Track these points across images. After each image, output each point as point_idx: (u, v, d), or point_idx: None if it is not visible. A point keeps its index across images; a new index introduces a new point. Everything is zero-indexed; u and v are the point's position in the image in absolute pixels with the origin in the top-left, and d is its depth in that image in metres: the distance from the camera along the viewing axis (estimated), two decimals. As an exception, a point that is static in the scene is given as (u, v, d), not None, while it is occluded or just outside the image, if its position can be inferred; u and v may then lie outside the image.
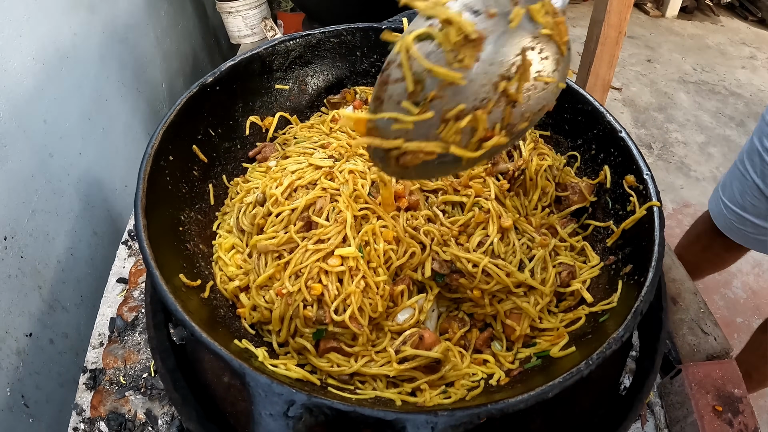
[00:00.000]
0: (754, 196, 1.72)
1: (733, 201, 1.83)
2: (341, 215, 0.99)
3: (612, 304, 0.93)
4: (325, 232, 0.98)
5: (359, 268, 0.95)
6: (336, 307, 0.92)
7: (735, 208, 1.82)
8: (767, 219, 1.71)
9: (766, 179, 1.65)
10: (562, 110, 1.23)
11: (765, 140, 1.63)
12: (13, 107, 1.42)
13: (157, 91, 2.41)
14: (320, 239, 0.97)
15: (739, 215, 1.81)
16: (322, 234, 0.98)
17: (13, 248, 1.40)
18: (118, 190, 2.00)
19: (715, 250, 2.18)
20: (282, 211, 1.02)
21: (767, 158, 1.62)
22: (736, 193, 1.79)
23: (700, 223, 2.21)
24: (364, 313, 0.94)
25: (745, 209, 1.78)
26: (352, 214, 1.00)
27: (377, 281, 0.96)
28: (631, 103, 4.26)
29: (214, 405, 0.99)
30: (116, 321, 1.30)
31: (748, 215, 1.78)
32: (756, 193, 1.70)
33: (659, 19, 5.44)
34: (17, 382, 1.39)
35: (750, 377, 1.91)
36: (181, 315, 0.79)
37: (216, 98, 1.19)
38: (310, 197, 1.02)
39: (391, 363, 0.91)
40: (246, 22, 2.66)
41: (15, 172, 1.42)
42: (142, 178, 0.96)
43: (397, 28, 1.30)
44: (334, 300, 0.92)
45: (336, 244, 0.96)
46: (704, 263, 2.30)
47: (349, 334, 0.93)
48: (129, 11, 2.16)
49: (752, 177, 1.70)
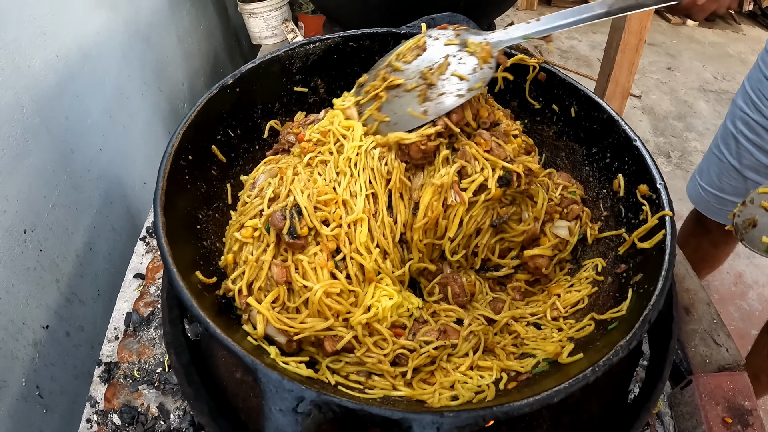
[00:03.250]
0: (731, 176, 1.85)
1: (711, 184, 1.95)
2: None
3: (621, 312, 0.94)
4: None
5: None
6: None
7: (713, 190, 1.96)
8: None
9: (742, 159, 1.78)
10: (578, 118, 1.24)
11: (738, 123, 1.78)
12: (36, 103, 1.44)
13: (178, 90, 2.44)
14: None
15: (719, 197, 1.94)
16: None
17: (32, 241, 1.43)
18: (137, 187, 2.02)
19: (705, 249, 2.28)
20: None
21: (741, 140, 1.76)
22: (714, 176, 1.93)
23: (686, 227, 2.31)
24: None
25: (723, 190, 1.91)
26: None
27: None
28: (650, 111, 4.24)
29: (226, 401, 1.00)
30: (132, 316, 1.32)
31: (726, 195, 1.91)
32: (733, 173, 1.84)
33: (680, 27, 5.41)
34: (33, 373, 1.41)
35: (758, 380, 1.93)
36: (196, 311, 0.81)
37: (236, 99, 1.20)
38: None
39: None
40: (267, 24, 2.69)
41: (37, 166, 1.45)
42: (162, 176, 0.97)
43: (415, 34, 1.31)
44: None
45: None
46: (698, 265, 2.34)
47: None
48: (152, 10, 2.18)
49: (728, 159, 1.84)
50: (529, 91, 1.31)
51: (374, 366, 0.93)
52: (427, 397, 0.89)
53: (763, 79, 1.67)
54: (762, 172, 1.75)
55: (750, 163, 1.77)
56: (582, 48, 5.15)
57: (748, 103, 1.75)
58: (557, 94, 1.27)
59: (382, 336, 0.96)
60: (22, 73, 1.40)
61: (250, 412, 0.99)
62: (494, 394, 0.89)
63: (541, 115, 1.32)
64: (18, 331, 1.37)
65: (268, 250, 0.99)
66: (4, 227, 1.33)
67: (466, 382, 0.92)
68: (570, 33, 5.42)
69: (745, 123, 1.76)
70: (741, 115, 1.77)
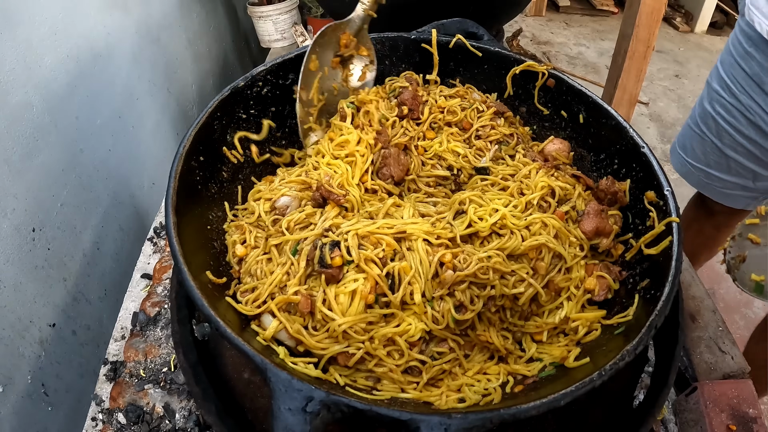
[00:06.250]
0: (714, 153, 1.91)
1: (697, 160, 2.01)
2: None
3: (627, 317, 0.94)
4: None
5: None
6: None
7: (701, 166, 2.00)
8: (729, 173, 1.91)
9: (723, 139, 1.84)
10: (587, 125, 1.24)
11: (715, 104, 1.83)
12: (46, 103, 1.46)
13: (187, 92, 2.45)
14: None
15: (706, 172, 1.99)
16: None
17: (41, 240, 1.44)
18: (145, 188, 2.03)
19: (707, 233, 2.32)
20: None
21: (720, 122, 1.82)
22: (699, 153, 1.99)
23: (688, 211, 2.35)
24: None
25: (710, 166, 1.96)
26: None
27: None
28: (657, 119, 4.24)
29: (233, 400, 1.01)
30: (139, 315, 1.32)
31: (713, 171, 1.96)
32: (716, 150, 1.90)
33: (688, 35, 5.42)
34: (38, 370, 1.42)
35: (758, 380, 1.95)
36: (207, 310, 0.81)
37: (246, 102, 1.21)
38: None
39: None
40: (276, 27, 2.70)
41: (46, 165, 1.46)
42: (174, 177, 0.98)
43: (426, 39, 1.32)
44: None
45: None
46: (699, 249, 2.42)
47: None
48: (162, 12, 2.20)
49: (710, 138, 1.89)
50: (537, 97, 1.32)
51: (385, 375, 0.92)
52: (435, 399, 0.89)
53: (735, 64, 1.70)
54: (741, 152, 1.81)
55: (730, 143, 1.83)
56: (590, 55, 5.16)
57: (723, 87, 1.80)
58: (566, 100, 1.27)
59: (397, 348, 0.93)
60: (33, 73, 1.41)
61: (258, 412, 0.99)
62: (501, 397, 0.89)
63: (549, 121, 1.33)
64: (25, 328, 1.37)
65: (294, 277, 0.97)
66: (13, 225, 1.34)
67: (473, 385, 0.92)
68: (578, 40, 5.43)
69: (722, 106, 1.81)
70: (717, 98, 1.83)
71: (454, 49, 1.34)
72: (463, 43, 1.32)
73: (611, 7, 5.94)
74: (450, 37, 1.33)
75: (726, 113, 1.80)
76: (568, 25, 5.82)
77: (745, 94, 1.71)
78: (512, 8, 2.01)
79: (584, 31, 5.69)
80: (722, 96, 1.80)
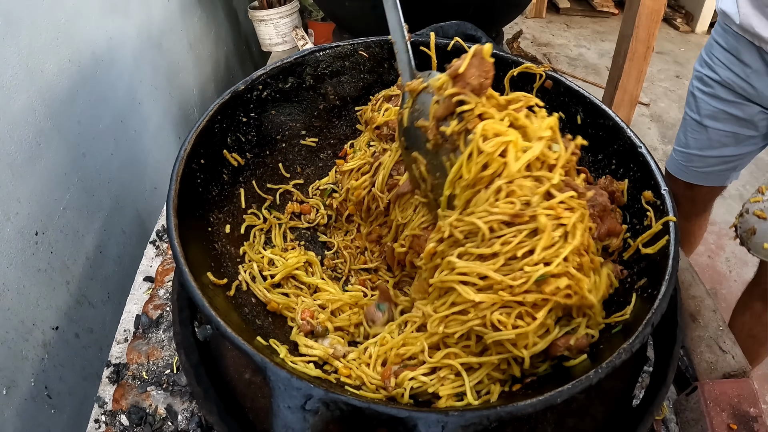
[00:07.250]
0: (694, 131, 2.10)
1: (679, 143, 2.22)
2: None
3: (625, 316, 0.94)
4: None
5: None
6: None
7: (680, 148, 2.20)
8: (711, 146, 2.08)
9: (701, 111, 2.04)
10: (584, 125, 1.25)
11: (695, 82, 2.07)
12: (48, 108, 1.47)
13: (189, 96, 2.46)
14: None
15: (685, 153, 2.18)
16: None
17: (43, 243, 1.45)
18: (147, 191, 2.04)
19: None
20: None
21: (698, 94, 2.04)
22: (681, 135, 2.20)
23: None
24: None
25: (689, 146, 2.15)
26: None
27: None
28: (658, 119, 4.24)
29: (235, 401, 1.01)
30: (141, 318, 1.33)
31: (691, 150, 2.15)
32: (696, 126, 2.09)
33: (689, 35, 5.43)
34: (41, 373, 1.43)
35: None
36: (208, 311, 0.82)
37: (247, 105, 1.22)
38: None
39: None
40: (277, 31, 2.71)
41: (49, 169, 1.47)
42: (175, 179, 0.99)
43: (424, 42, 1.33)
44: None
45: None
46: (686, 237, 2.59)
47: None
48: (163, 17, 2.21)
49: (691, 116, 2.11)
50: (536, 99, 1.32)
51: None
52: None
53: (714, 43, 1.95)
54: (719, 118, 2.00)
55: (708, 112, 2.02)
56: (590, 56, 5.17)
57: (702, 64, 2.03)
58: (563, 101, 1.28)
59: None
60: (35, 78, 1.42)
61: (258, 412, 1.00)
62: (498, 395, 0.90)
63: (548, 122, 1.33)
64: (28, 331, 1.38)
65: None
66: (16, 229, 1.35)
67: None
68: (579, 41, 5.44)
69: (699, 80, 2.04)
70: (697, 74, 2.05)
71: (453, 52, 1.35)
72: (462, 45, 1.33)
73: (611, 8, 5.96)
74: (448, 40, 1.33)
75: (703, 85, 2.02)
76: (568, 26, 5.83)
77: (723, 66, 1.91)
78: (511, 10, 2.02)
79: (584, 32, 5.70)
80: (700, 71, 2.03)
